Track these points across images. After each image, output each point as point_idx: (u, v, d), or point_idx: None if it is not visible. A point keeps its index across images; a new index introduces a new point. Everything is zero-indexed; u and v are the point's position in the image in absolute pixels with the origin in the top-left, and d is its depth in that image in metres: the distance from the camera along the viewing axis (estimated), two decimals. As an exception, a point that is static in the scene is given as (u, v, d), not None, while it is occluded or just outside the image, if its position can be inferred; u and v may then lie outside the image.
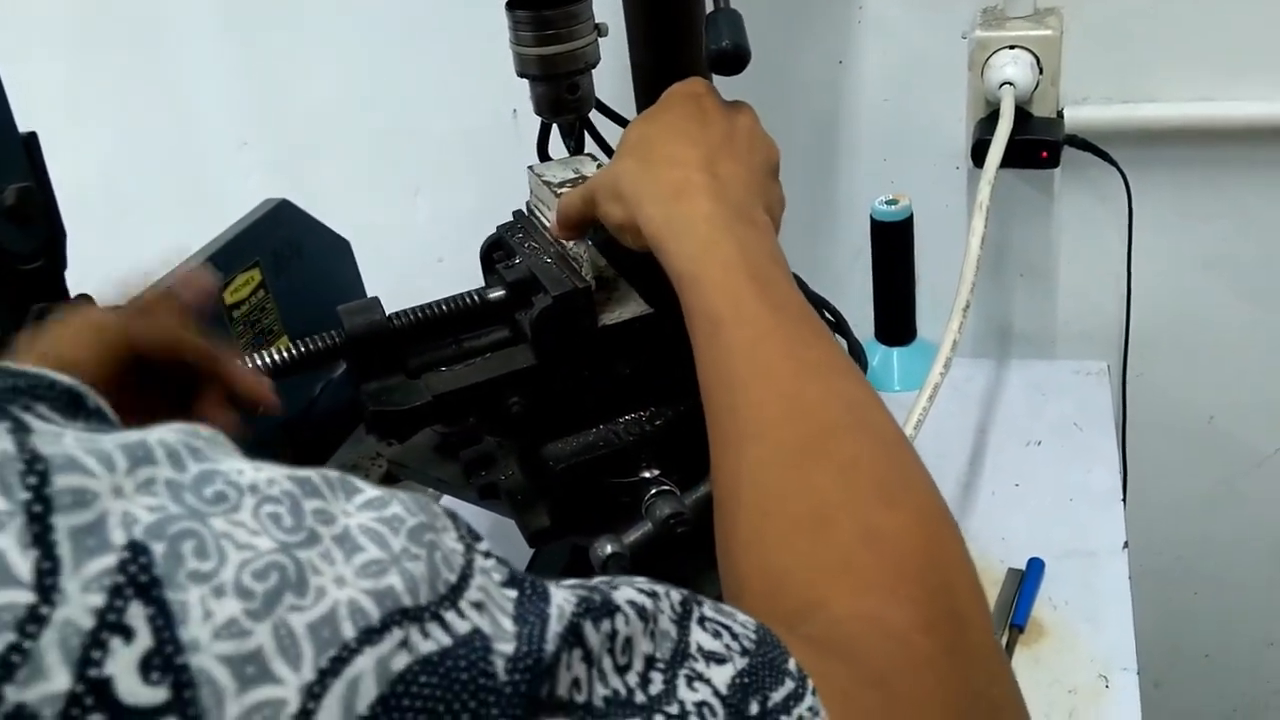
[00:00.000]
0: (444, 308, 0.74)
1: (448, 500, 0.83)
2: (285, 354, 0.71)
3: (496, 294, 0.75)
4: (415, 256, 1.40)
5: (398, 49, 1.29)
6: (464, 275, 1.39)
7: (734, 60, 0.61)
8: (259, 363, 0.71)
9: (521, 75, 0.76)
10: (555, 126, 0.83)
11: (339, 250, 1.17)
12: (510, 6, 0.73)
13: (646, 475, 0.74)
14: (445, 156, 1.33)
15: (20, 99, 0.84)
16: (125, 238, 1.47)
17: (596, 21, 0.74)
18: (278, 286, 1.07)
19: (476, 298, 0.74)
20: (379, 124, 1.33)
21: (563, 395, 0.73)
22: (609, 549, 0.71)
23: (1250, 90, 1.04)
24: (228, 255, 1.02)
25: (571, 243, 0.74)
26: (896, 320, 1.18)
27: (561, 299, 0.71)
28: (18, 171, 0.83)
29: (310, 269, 1.12)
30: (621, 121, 0.89)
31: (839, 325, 1.06)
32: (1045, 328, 1.22)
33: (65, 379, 0.33)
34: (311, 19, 1.30)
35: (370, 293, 1.26)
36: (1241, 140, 1.06)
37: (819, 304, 1.05)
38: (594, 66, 0.76)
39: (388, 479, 0.98)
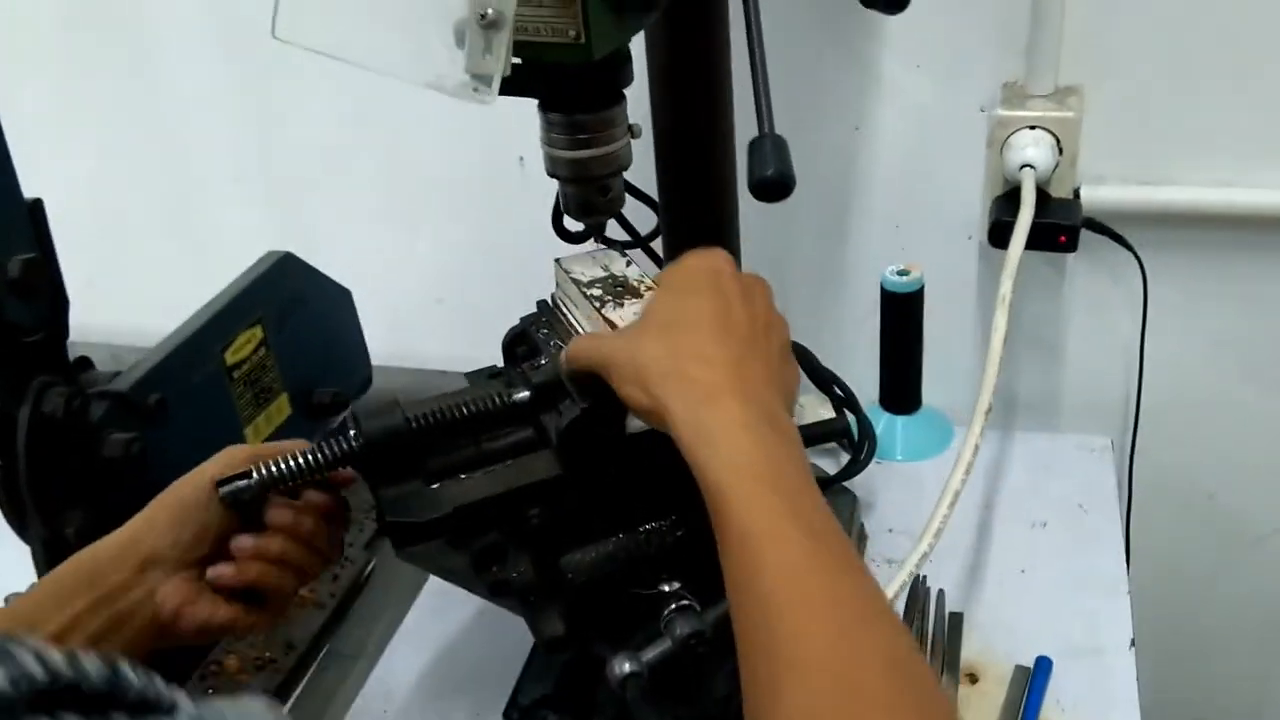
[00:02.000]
0: (465, 410, 0.72)
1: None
2: (301, 461, 0.69)
3: (521, 395, 0.73)
4: (414, 297, 1.38)
5: (400, 86, 1.26)
6: (463, 318, 1.39)
7: (779, 188, 0.60)
8: (278, 468, 0.69)
9: (551, 175, 0.74)
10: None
11: (340, 301, 1.15)
12: (543, 108, 0.71)
13: (666, 588, 0.72)
14: (448, 198, 1.30)
15: (12, 123, 0.81)
16: (115, 263, 1.45)
17: (630, 123, 0.72)
18: (278, 342, 1.05)
19: (499, 399, 0.73)
20: (378, 161, 1.31)
21: (584, 505, 0.72)
22: (627, 667, 0.69)
23: (1268, 178, 1.04)
24: (231, 314, 1.00)
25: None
26: (903, 389, 1.17)
27: (591, 411, 0.69)
28: (22, 242, 0.81)
29: (312, 322, 1.10)
30: (649, 202, 0.88)
31: (849, 401, 1.05)
32: (1050, 400, 1.21)
33: (94, 674, 0.33)
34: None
35: (369, 335, 1.24)
36: (1257, 227, 1.06)
37: (829, 380, 1.04)
38: (626, 169, 0.74)
39: (380, 533, 0.96)
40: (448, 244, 1.34)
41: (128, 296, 1.47)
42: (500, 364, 0.89)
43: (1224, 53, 0.99)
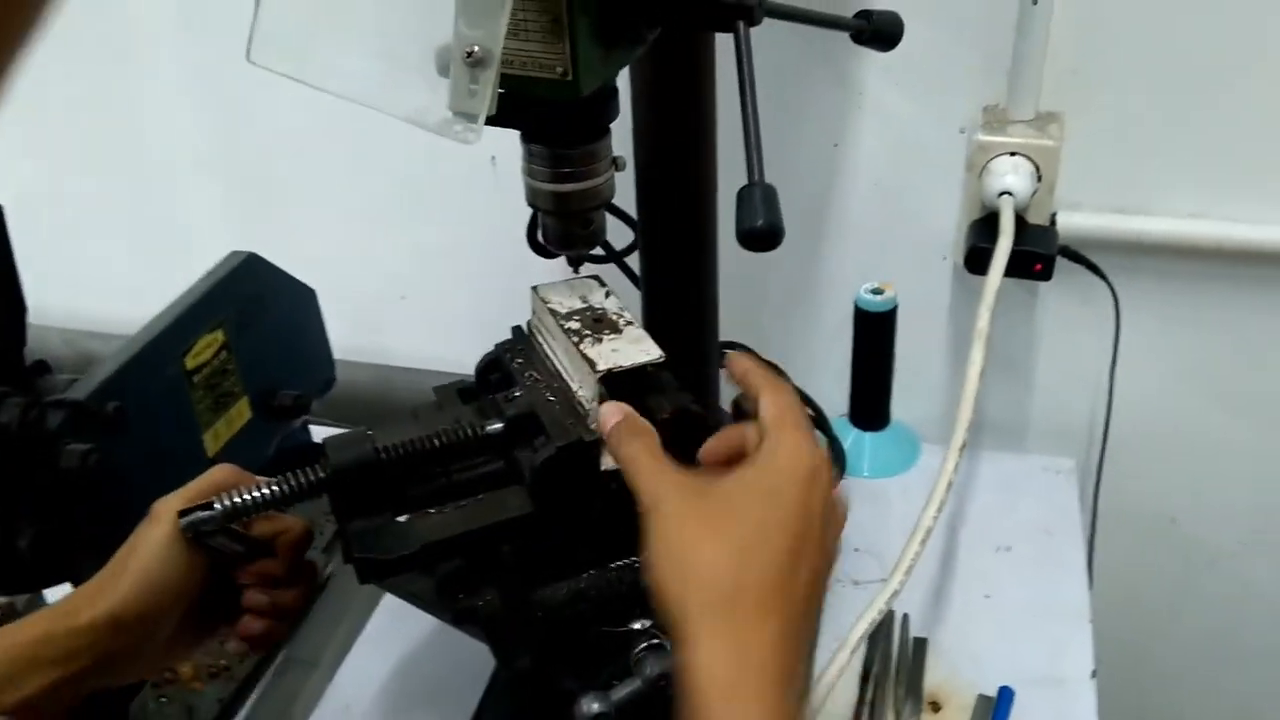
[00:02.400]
0: (437, 441, 0.71)
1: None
2: (269, 491, 0.67)
3: (494, 427, 0.72)
4: (379, 292, 1.36)
5: (372, 78, 1.24)
6: (428, 315, 1.37)
7: (768, 239, 0.59)
8: (242, 499, 0.67)
9: (531, 206, 0.73)
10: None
11: (304, 301, 1.12)
12: (525, 139, 0.69)
13: (637, 626, 0.72)
14: (417, 195, 1.28)
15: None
16: (73, 247, 1.41)
17: (615, 155, 0.71)
18: (240, 345, 1.02)
19: (472, 431, 0.71)
20: (347, 155, 1.28)
21: (556, 541, 0.71)
22: (595, 707, 0.68)
23: (1243, 210, 1.04)
24: (192, 318, 0.97)
25: (578, 385, 0.71)
26: (873, 406, 1.17)
27: (566, 450, 0.68)
28: (-22, 249, 0.78)
29: (274, 324, 1.07)
30: (627, 220, 0.86)
31: (820, 421, 1.04)
32: (1018, 422, 1.22)
33: None
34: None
35: (331, 329, 1.21)
36: (1228, 259, 1.06)
37: (800, 398, 1.03)
38: (609, 201, 0.72)
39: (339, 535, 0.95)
40: (415, 241, 1.31)
41: (84, 282, 1.44)
42: (466, 373, 0.87)
43: (1203, 87, 0.99)
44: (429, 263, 1.32)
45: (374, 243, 1.33)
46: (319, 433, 1.20)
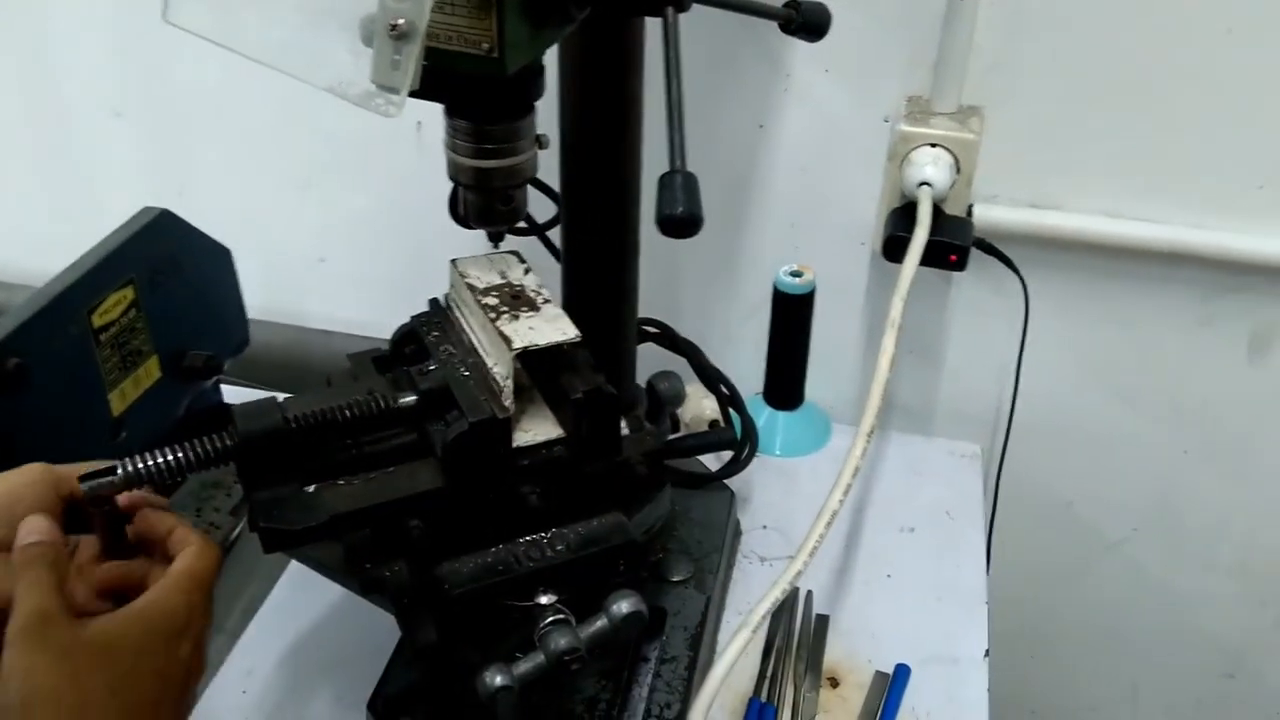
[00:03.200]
0: (348, 412, 0.70)
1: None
2: (173, 458, 0.66)
3: (407, 400, 0.71)
4: (296, 254, 1.34)
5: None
6: (345, 279, 1.35)
7: (687, 225, 0.59)
8: (144, 466, 0.66)
9: (453, 180, 0.72)
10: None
11: (219, 261, 1.10)
12: (449, 113, 0.68)
13: (543, 600, 0.72)
14: (338, 155, 1.26)
15: None
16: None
17: (539, 134, 0.70)
18: (151, 304, 1.00)
19: (384, 402, 0.71)
20: (268, 110, 1.25)
21: (465, 516, 0.71)
22: (498, 680, 0.69)
23: (1152, 211, 1.07)
24: (100, 274, 0.95)
25: (494, 361, 0.71)
26: (787, 386, 1.19)
27: (479, 426, 0.68)
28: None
29: (187, 283, 1.05)
30: (553, 196, 0.86)
31: (734, 400, 1.06)
32: (925, 405, 1.24)
33: None
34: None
35: (246, 288, 1.19)
36: (1137, 258, 1.09)
37: (716, 378, 1.05)
38: (531, 179, 0.72)
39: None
40: (335, 203, 1.30)
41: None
42: (383, 338, 0.87)
43: (1121, 89, 1.02)
44: (349, 226, 1.31)
45: (294, 203, 1.30)
46: (231, 393, 1.19)
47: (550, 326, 0.71)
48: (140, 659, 0.58)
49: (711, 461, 1.10)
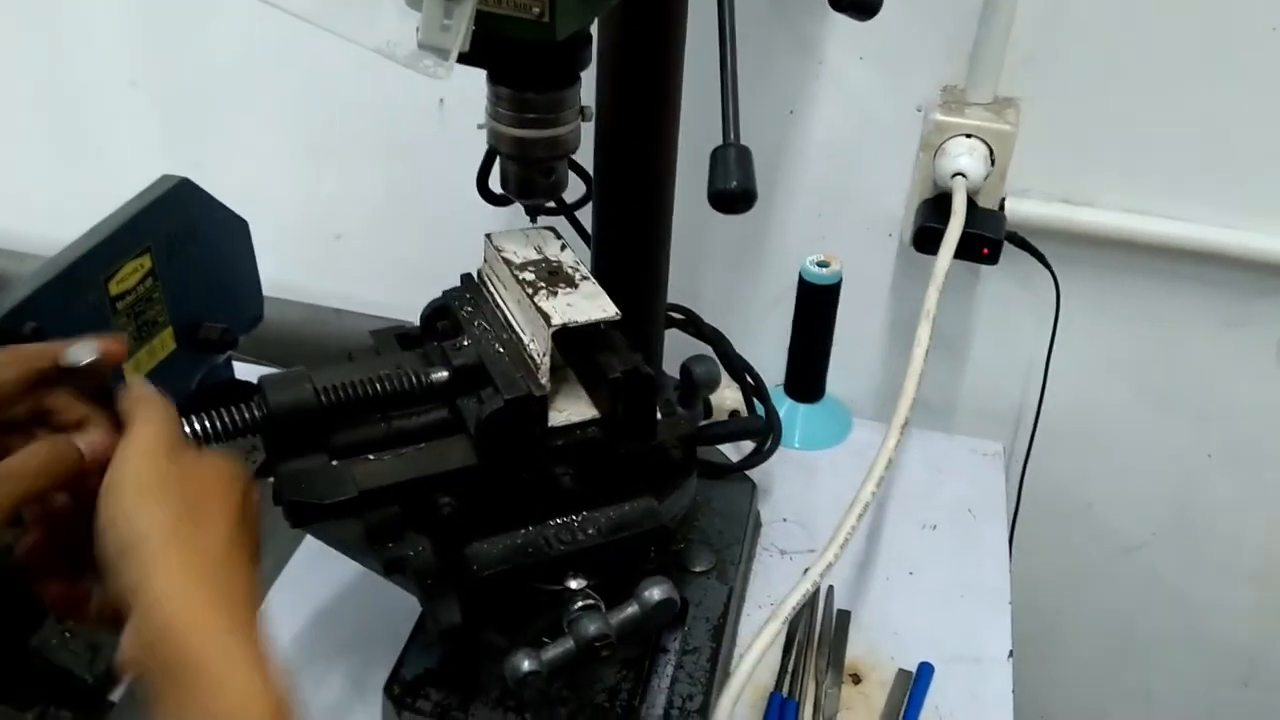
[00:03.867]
0: (380, 386, 0.68)
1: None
2: (199, 427, 0.65)
3: (439, 375, 0.70)
4: (313, 229, 1.32)
5: (319, 7, 1.19)
6: (362, 257, 1.33)
7: (741, 201, 0.58)
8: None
9: (493, 150, 0.70)
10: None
11: (236, 232, 1.08)
12: (492, 80, 0.67)
13: (573, 585, 0.71)
14: (359, 132, 1.24)
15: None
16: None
17: (583, 105, 0.68)
18: (168, 274, 0.98)
19: (416, 379, 0.69)
20: (288, 82, 1.23)
21: (495, 496, 0.69)
22: (526, 665, 0.67)
23: (1185, 210, 1.05)
24: (118, 241, 0.93)
25: (530, 338, 0.70)
26: (809, 379, 1.17)
27: (514, 404, 0.66)
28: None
29: (204, 253, 1.03)
30: (584, 175, 0.84)
31: (759, 391, 1.04)
32: (948, 402, 1.23)
33: None
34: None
35: (261, 263, 1.18)
36: (1169, 256, 1.08)
37: (741, 368, 1.03)
38: (574, 152, 0.70)
39: (262, 472, 0.92)
40: (354, 179, 1.28)
41: (7, 199, 1.38)
42: (398, 318, 0.85)
43: (1159, 85, 1.00)
44: (368, 203, 1.29)
45: (312, 178, 1.28)
46: (242, 370, 1.17)
47: (589, 304, 0.69)
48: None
49: (731, 452, 1.08)
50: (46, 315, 0.85)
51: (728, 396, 1.09)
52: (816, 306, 1.11)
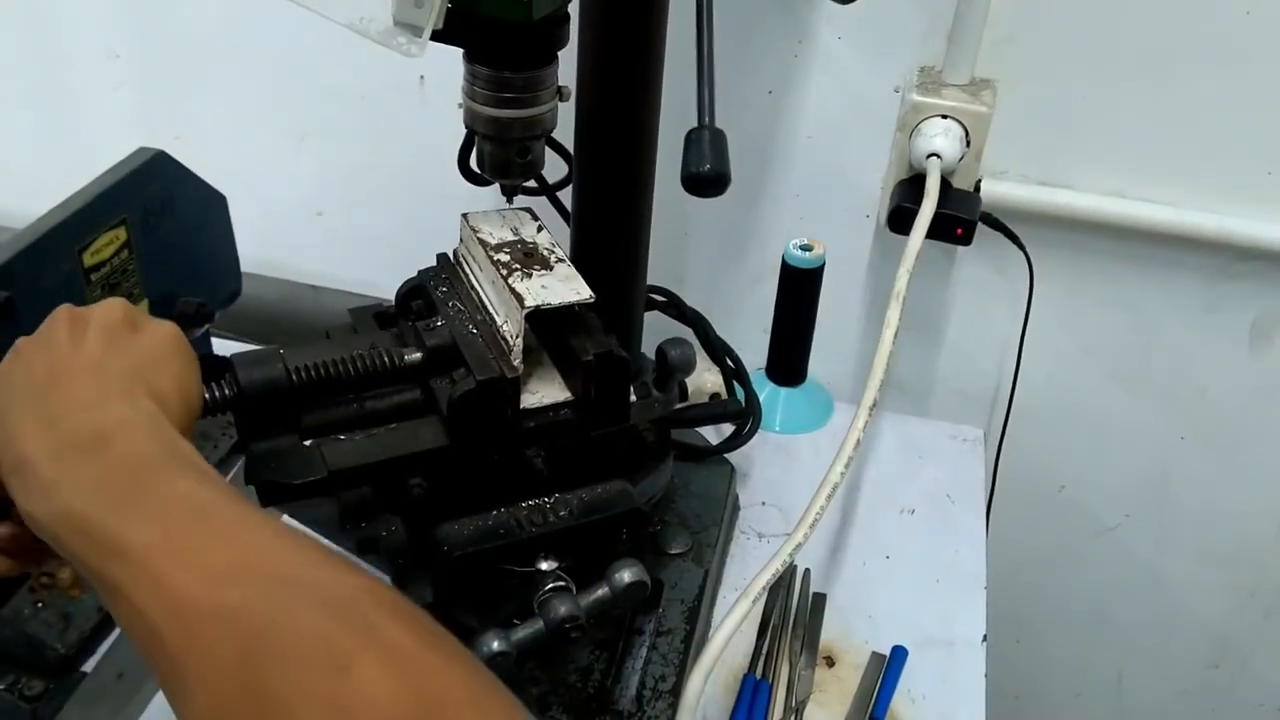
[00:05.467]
0: (352, 366, 0.68)
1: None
2: (171, 406, 0.64)
3: (412, 356, 0.69)
4: (293, 206, 1.31)
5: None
6: (342, 234, 1.32)
7: (714, 184, 0.57)
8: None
9: (469, 129, 0.70)
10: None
11: (213, 206, 1.07)
12: (469, 59, 0.66)
13: (544, 567, 0.71)
14: (338, 107, 1.23)
15: None
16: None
17: (560, 85, 0.68)
18: (143, 246, 0.98)
19: (389, 359, 0.69)
20: (269, 58, 1.22)
21: (467, 477, 0.69)
22: (495, 645, 0.67)
23: (1160, 193, 1.06)
24: (93, 211, 0.92)
25: (503, 319, 0.69)
26: (791, 362, 1.17)
27: (486, 385, 0.66)
28: None
29: (181, 227, 1.02)
30: (565, 155, 0.84)
31: (739, 374, 1.04)
32: (923, 385, 1.23)
33: None
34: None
35: (240, 240, 1.17)
36: (1143, 239, 1.08)
37: (722, 350, 1.03)
38: (550, 132, 0.70)
39: (238, 449, 0.92)
40: (334, 156, 1.27)
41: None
42: (377, 296, 0.84)
43: (1135, 68, 1.00)
44: (348, 181, 1.28)
45: (291, 155, 1.27)
46: (221, 346, 1.16)
47: (564, 286, 0.69)
48: None
49: (710, 435, 1.08)
50: (19, 285, 0.85)
51: (708, 379, 1.09)
52: (799, 290, 1.11)
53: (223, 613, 0.44)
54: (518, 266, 0.70)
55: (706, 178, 0.57)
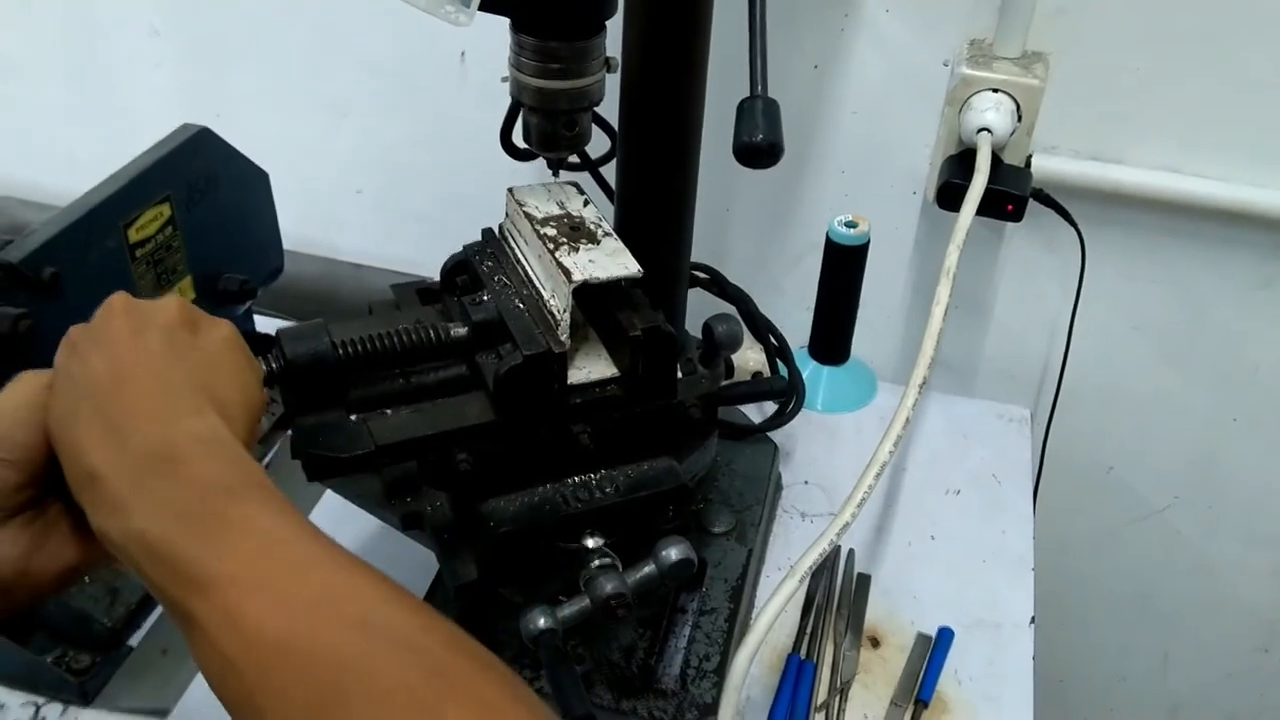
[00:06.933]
0: (398, 340, 0.68)
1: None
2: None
3: (458, 331, 0.69)
4: (333, 183, 1.31)
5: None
6: (381, 211, 1.32)
7: (767, 154, 0.56)
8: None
9: (515, 101, 0.69)
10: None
11: (256, 184, 1.08)
12: (516, 29, 0.65)
13: (590, 544, 0.70)
14: (379, 85, 1.23)
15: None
16: (7, 112, 1.34)
17: (608, 56, 0.67)
18: (187, 223, 0.98)
19: (435, 334, 0.68)
20: (309, 35, 1.22)
21: (513, 452, 0.69)
22: (542, 623, 0.67)
23: (1214, 169, 1.03)
24: (138, 188, 0.92)
25: (550, 294, 0.69)
26: (834, 341, 1.16)
27: (534, 360, 0.65)
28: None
29: (224, 204, 1.02)
30: (609, 130, 0.82)
31: (783, 353, 1.03)
32: (969, 364, 1.21)
33: None
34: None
35: (281, 217, 1.17)
36: (1197, 215, 1.06)
37: (766, 328, 1.02)
38: (597, 104, 0.69)
39: (280, 424, 0.91)
40: (375, 133, 1.26)
41: (22, 148, 1.37)
42: (416, 273, 0.84)
43: (1191, 41, 0.98)
44: (388, 157, 1.28)
45: (332, 132, 1.27)
46: (262, 323, 1.16)
47: (611, 260, 0.68)
48: None
49: (753, 413, 1.07)
50: (66, 260, 0.85)
51: (751, 357, 1.08)
52: (844, 268, 1.09)
53: (301, 651, 0.44)
54: (564, 240, 0.69)
55: (759, 147, 0.56)
